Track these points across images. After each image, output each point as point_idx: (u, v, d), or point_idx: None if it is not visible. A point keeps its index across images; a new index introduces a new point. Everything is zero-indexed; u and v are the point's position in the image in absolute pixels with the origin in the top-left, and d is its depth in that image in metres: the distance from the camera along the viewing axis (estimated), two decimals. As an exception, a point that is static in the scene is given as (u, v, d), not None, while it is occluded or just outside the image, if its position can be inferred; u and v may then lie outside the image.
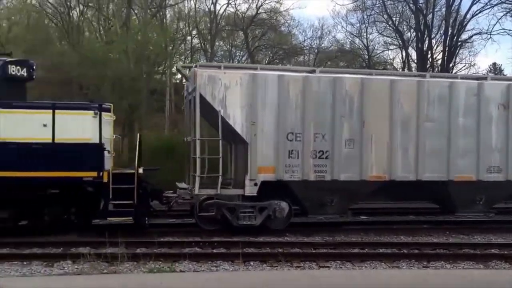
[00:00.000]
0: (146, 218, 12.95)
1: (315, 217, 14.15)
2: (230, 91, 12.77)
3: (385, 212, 17.17)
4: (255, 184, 12.87)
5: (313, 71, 13.63)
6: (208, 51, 32.31)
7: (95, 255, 9.89)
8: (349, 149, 13.31)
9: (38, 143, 11.86)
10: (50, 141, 11.91)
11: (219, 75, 12.76)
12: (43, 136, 11.88)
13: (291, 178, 13.05)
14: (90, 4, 31.74)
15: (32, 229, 12.35)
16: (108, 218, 12.53)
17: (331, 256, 10.80)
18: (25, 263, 9.99)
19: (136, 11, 32.29)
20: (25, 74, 12.60)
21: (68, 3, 31.35)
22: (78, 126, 12.16)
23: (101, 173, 12.14)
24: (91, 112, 12.31)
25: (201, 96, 12.65)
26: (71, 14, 31.34)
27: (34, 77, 13.06)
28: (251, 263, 10.28)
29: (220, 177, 12.71)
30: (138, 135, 13.15)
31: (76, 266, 9.66)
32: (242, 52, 34.57)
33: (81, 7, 31.72)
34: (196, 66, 13.04)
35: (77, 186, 12.20)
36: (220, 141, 12.76)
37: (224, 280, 8.42)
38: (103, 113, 12.51)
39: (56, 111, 12.02)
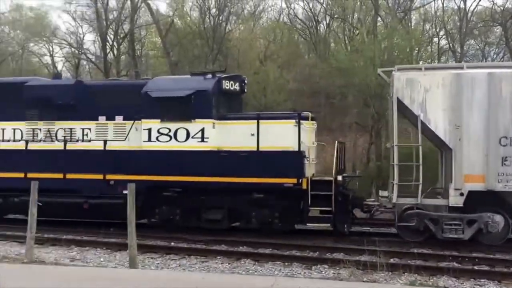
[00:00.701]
0: (346, 225, 12.93)
1: None
2: (430, 93, 11.96)
3: None
4: (461, 194, 11.75)
5: (534, 65, 11.83)
6: (457, 52, 30.27)
7: (354, 261, 9.96)
8: None
9: (245, 151, 12.95)
10: (255, 149, 12.89)
11: (418, 77, 12.08)
12: (250, 144, 12.94)
13: (506, 188, 11.54)
14: (335, 16, 32.92)
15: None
16: (307, 224, 12.94)
17: None
18: (286, 264, 10.61)
19: (381, 17, 32.19)
20: (237, 88, 13.89)
21: (316, 17, 33.16)
22: (280, 135, 12.87)
23: (300, 180, 12.61)
24: (293, 121, 12.88)
25: (398, 100, 12.16)
26: (318, 28, 33.04)
27: (245, 90, 14.30)
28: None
29: (421, 185, 11.97)
30: (336, 142, 13.24)
31: (332, 271, 9.95)
32: (497, 49, 31.39)
33: (328, 19, 33.15)
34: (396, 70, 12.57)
35: (279, 192, 12.88)
36: (420, 147, 12.04)
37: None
38: (304, 122, 13.02)
39: (260, 121, 12.97)
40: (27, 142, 14.52)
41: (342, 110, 29.93)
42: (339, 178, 12.78)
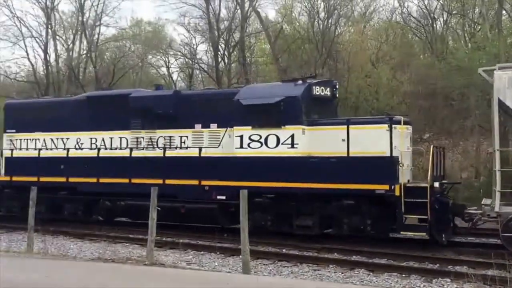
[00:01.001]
0: (443, 235, 12.08)
1: None
2: (537, 93, 10.83)
3: None
4: None
5: None
6: None
7: (480, 276, 9.27)
8: None
9: (335, 156, 12.64)
10: (345, 154, 12.54)
11: (522, 76, 11.00)
12: (340, 150, 12.61)
13: None
14: (454, 11, 31.06)
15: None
16: (401, 232, 12.29)
17: None
18: (403, 275, 10.12)
19: (507, 11, 29.82)
20: (328, 93, 13.63)
21: (432, 15, 31.53)
22: (372, 140, 12.39)
23: (393, 186, 12.02)
24: (385, 125, 12.35)
25: (499, 101, 11.15)
26: (434, 25, 31.38)
27: (337, 95, 13.97)
28: None
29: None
30: (431, 147, 12.41)
31: (456, 285, 9.38)
32: None
33: (445, 16, 31.35)
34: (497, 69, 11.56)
35: (371, 198, 12.38)
36: (525, 152, 10.92)
37: None
38: (398, 126, 12.44)
39: (351, 126, 12.60)
40: (131, 149, 15.39)
41: (463, 112, 28.10)
42: (436, 184, 12.00)
